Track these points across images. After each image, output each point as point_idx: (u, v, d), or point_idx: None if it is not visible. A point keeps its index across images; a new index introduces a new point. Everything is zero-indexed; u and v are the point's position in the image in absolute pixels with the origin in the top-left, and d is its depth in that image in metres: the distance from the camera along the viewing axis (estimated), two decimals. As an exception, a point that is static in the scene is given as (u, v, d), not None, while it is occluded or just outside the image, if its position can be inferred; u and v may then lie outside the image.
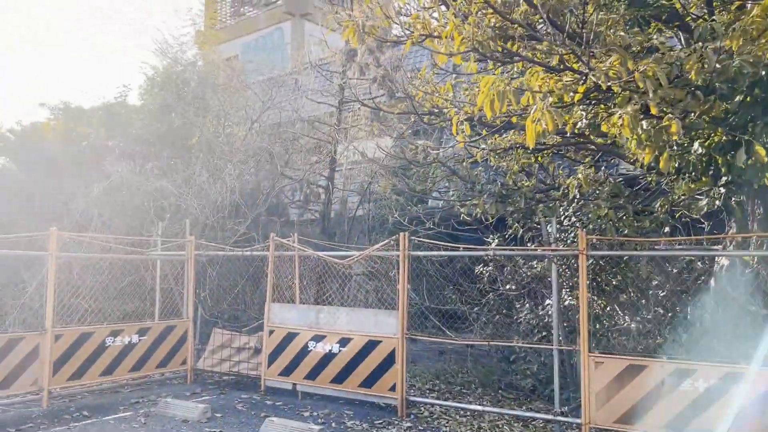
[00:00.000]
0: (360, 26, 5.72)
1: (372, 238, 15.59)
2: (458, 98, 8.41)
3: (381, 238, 15.43)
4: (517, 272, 8.41)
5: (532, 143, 4.38)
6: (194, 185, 11.47)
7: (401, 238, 7.92)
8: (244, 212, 12.70)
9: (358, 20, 5.79)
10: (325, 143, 16.00)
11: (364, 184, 16.30)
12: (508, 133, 7.31)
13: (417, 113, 7.85)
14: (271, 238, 9.20)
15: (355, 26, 5.81)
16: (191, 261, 10.14)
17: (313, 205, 16.38)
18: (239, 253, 9.66)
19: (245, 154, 14.01)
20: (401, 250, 7.91)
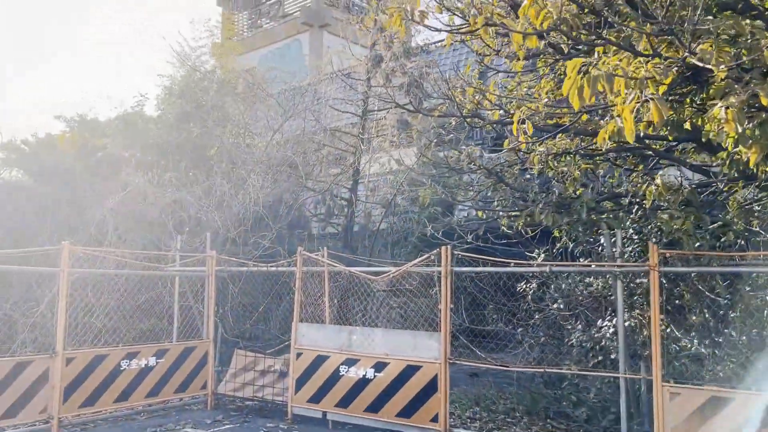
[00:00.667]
0: (408, 12, 5.05)
1: (395, 253, 14.88)
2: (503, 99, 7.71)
3: (404, 253, 14.81)
4: (572, 290, 7.64)
5: (631, 138, 3.68)
6: (215, 197, 10.85)
7: (443, 253, 7.19)
8: (267, 225, 12.04)
9: (406, 6, 5.14)
10: (349, 154, 15.36)
11: (387, 196, 15.65)
12: (564, 133, 6.62)
13: (461, 115, 7.18)
14: (298, 252, 8.51)
15: (401, 13, 5.14)
16: (212, 277, 9.47)
17: (335, 218, 15.72)
18: (264, 268, 8.97)
19: (267, 165, 13.40)
20: (443, 266, 7.18)
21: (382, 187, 16.14)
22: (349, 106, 15.29)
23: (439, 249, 7.24)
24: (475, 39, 7.23)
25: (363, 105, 14.92)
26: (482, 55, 7.49)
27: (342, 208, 15.60)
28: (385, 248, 15.20)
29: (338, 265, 8.43)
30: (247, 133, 13.88)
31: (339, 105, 15.44)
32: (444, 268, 7.17)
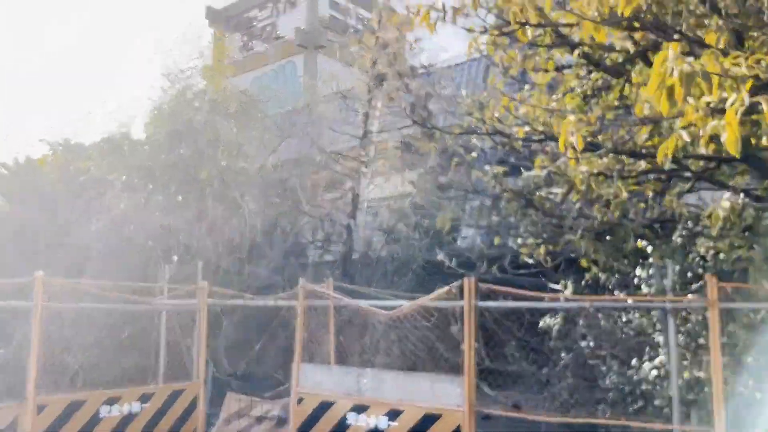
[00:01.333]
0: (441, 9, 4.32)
1: (394, 282, 14.04)
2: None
3: (404, 282, 13.96)
4: (609, 327, 6.84)
5: (735, 149, 2.94)
6: (206, 221, 10.01)
7: (466, 285, 6.37)
8: (263, 253, 11.19)
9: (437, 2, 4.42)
10: (348, 177, 14.59)
11: (389, 222, 14.88)
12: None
13: (486, 133, 6.45)
14: (300, 284, 7.66)
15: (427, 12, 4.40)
16: (204, 311, 8.58)
17: (333, 245, 14.88)
18: (261, 302, 8.11)
19: (262, 188, 12.60)
20: (466, 300, 6.36)
21: (383, 212, 15.33)
22: (348, 128, 14.56)
23: (460, 281, 6.42)
24: (498, 48, 6.54)
25: (363, 126, 14.19)
26: (506, 67, 6.78)
27: (340, 235, 14.78)
28: (384, 277, 14.37)
29: (345, 299, 7.59)
30: (240, 154, 13.08)
31: (338, 127, 14.72)
32: (467, 303, 6.34)
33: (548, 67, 6.55)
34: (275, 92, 16.74)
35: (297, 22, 29.20)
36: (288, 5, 29.37)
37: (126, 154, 12.38)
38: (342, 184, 14.77)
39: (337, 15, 29.68)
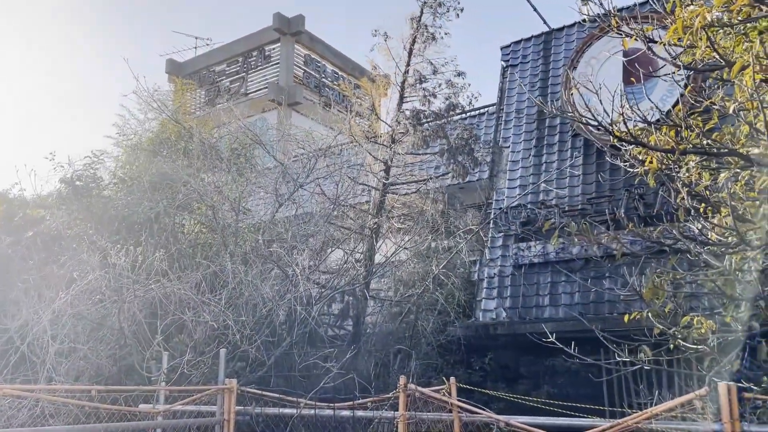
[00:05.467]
0: None
1: (404, 365, 11.41)
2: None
3: (414, 364, 11.34)
4: None
5: None
6: (225, 289, 7.23)
7: (724, 393, 3.91)
8: (277, 333, 8.38)
9: None
10: (362, 237, 12.07)
11: (403, 288, 12.43)
12: None
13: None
14: (401, 382, 4.99)
15: None
16: (229, 425, 5.69)
17: (347, 318, 12.18)
18: (328, 411, 5.34)
19: (266, 248, 9.90)
20: (726, 420, 3.90)
21: (409, 277, 12.83)
22: (367, 179, 12.19)
23: (711, 385, 3.96)
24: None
25: (385, 176, 11.81)
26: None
27: (354, 306, 12.12)
28: (389, 359, 11.69)
29: (482, 411, 4.94)
30: (242, 209, 10.39)
31: (355, 177, 12.34)
32: (729, 425, 3.87)
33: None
34: (268, 141, 14.21)
35: (269, 78, 27.16)
36: (260, 60, 27.36)
37: (94, 201, 9.50)
38: (346, 243, 12.27)
39: (311, 72, 27.87)
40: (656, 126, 5.27)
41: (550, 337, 6.95)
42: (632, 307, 8.43)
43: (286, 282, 8.62)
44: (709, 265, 4.88)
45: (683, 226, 5.80)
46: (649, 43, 5.41)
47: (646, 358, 5.68)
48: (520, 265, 12.02)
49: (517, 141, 13.39)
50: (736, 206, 4.43)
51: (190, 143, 12.00)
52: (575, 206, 11.81)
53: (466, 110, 12.17)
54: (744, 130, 5.06)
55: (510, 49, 14.80)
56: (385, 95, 12.25)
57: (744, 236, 4.41)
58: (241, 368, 7.22)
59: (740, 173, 5.03)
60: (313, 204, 11.28)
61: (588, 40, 12.83)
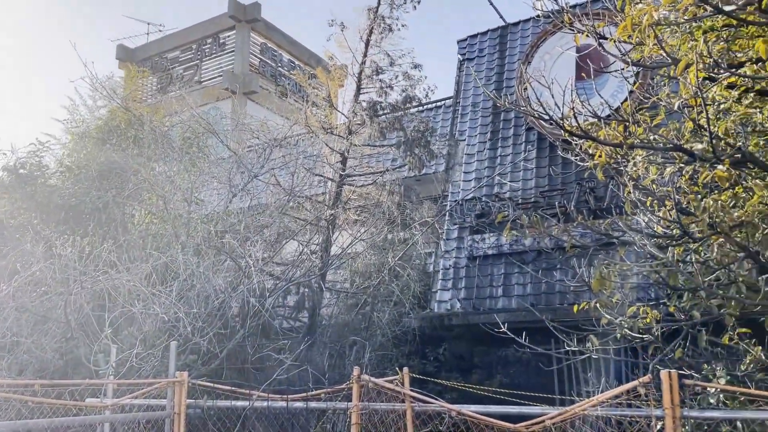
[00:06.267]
0: None
1: (360, 356, 11.45)
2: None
3: (369, 356, 11.40)
4: None
5: None
6: (177, 280, 7.07)
7: (665, 381, 4.06)
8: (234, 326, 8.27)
9: None
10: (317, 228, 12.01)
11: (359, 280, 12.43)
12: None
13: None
14: (355, 374, 5.00)
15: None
16: (180, 419, 5.60)
17: (302, 310, 12.11)
18: (281, 403, 5.30)
19: (220, 240, 9.75)
20: (668, 406, 4.04)
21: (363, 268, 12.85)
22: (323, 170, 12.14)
23: (656, 371, 4.11)
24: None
25: (342, 168, 11.76)
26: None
27: (309, 297, 12.07)
28: (344, 350, 11.72)
29: (434, 401, 4.99)
30: (194, 200, 10.18)
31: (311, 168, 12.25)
32: (670, 411, 4.01)
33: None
34: (222, 129, 13.96)
35: (224, 66, 26.66)
36: (215, 47, 26.81)
37: (39, 189, 9.16)
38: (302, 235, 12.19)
39: (268, 61, 27.48)
40: (605, 121, 5.40)
41: (503, 327, 7.08)
42: (582, 297, 8.64)
43: (239, 274, 8.51)
44: (654, 256, 5.04)
45: (630, 218, 5.97)
46: (599, 39, 5.52)
47: (593, 347, 5.84)
48: (474, 256, 12.17)
49: (473, 134, 13.52)
50: (679, 200, 4.58)
51: (141, 131, 11.69)
52: (529, 199, 12.02)
53: (422, 103, 12.22)
54: (688, 126, 5.23)
55: (467, 42, 14.91)
56: (342, 86, 12.18)
57: (687, 229, 4.56)
58: (192, 361, 7.11)
59: (684, 168, 5.20)
60: (268, 195, 11.15)
61: (542, 35, 13.04)
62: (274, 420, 5.95)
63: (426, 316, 12.19)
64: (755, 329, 5.83)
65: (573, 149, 5.88)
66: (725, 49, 5.02)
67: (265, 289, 8.90)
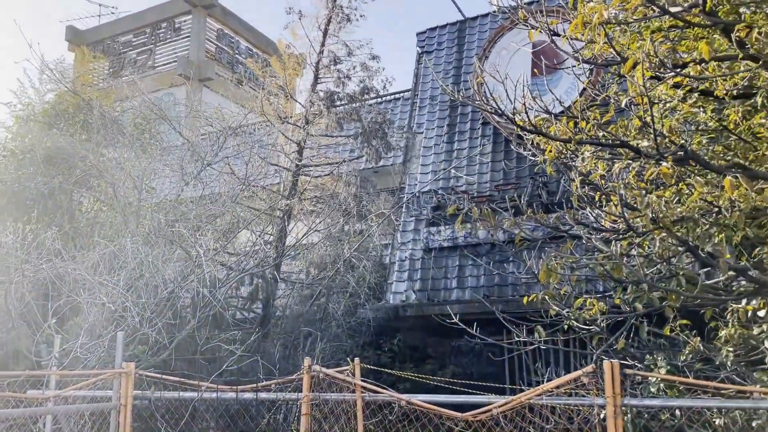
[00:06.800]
0: None
1: (314, 347, 11.46)
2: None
3: (324, 347, 11.43)
4: None
5: None
6: (125, 270, 6.89)
7: (608, 370, 4.18)
8: (184, 316, 8.14)
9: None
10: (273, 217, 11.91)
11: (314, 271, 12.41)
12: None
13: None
14: (306, 364, 4.99)
15: None
16: (126, 410, 5.49)
17: (256, 301, 12.00)
18: (231, 394, 5.24)
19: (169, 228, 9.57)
20: (609, 395, 4.17)
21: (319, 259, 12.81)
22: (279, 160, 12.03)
23: (599, 361, 4.23)
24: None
25: (298, 158, 11.67)
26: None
27: (263, 288, 11.97)
28: (298, 341, 11.70)
29: (384, 391, 5.02)
30: (145, 187, 9.95)
31: (266, 157, 12.12)
32: (611, 399, 4.14)
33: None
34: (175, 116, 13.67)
35: (178, 52, 26.04)
36: (170, 32, 26.15)
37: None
38: (256, 224, 12.07)
39: (224, 47, 26.97)
40: (557, 117, 5.50)
41: (455, 318, 7.17)
42: (533, 289, 8.83)
43: (190, 263, 8.37)
44: (600, 250, 5.18)
45: (580, 213, 6.11)
46: (553, 36, 5.61)
47: (541, 338, 5.97)
48: (430, 248, 12.27)
49: (430, 127, 13.60)
50: (624, 195, 4.71)
51: (90, 116, 11.34)
52: (484, 193, 12.17)
53: (380, 94, 12.21)
54: (635, 123, 5.38)
55: (425, 35, 14.95)
56: (299, 75, 12.07)
57: (631, 223, 4.70)
58: (141, 352, 6.96)
59: (631, 164, 5.34)
60: (222, 184, 10.98)
61: (499, 31, 13.17)
62: (224, 412, 5.90)
63: (381, 308, 12.25)
64: (695, 321, 6.06)
65: (526, 144, 5.98)
66: (671, 50, 5.16)
67: (217, 279, 8.78)
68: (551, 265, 5.00)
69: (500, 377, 9.88)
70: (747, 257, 5.59)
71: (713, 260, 4.58)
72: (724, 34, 4.63)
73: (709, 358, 5.97)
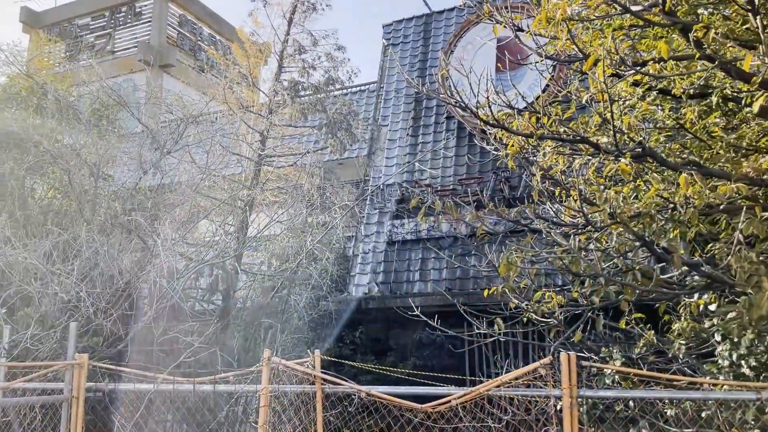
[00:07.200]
0: None
1: (275, 339, 11.40)
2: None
3: (285, 339, 11.38)
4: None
5: None
6: (79, 259, 6.68)
7: (565, 362, 4.25)
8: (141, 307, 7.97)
9: None
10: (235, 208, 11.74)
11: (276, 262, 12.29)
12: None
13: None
14: (265, 356, 4.93)
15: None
16: (78, 403, 5.35)
17: (215, 292, 11.84)
18: (187, 386, 5.15)
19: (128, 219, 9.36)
20: (566, 386, 4.24)
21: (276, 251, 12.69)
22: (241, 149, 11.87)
23: (557, 353, 4.30)
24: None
25: (261, 148, 11.52)
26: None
27: (224, 280, 11.80)
28: (259, 333, 11.61)
29: (344, 383, 4.99)
30: (102, 175, 9.69)
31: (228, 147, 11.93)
32: (567, 390, 4.21)
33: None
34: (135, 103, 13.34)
35: (139, 37, 25.39)
36: (130, 16, 25.45)
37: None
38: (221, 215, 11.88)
39: (187, 34, 26.41)
40: (520, 112, 5.55)
41: (417, 311, 7.20)
42: (493, 282, 8.92)
43: (148, 253, 8.18)
44: (560, 244, 5.25)
45: (540, 207, 6.19)
46: (517, 31, 5.64)
47: (501, 330, 6.04)
48: (393, 241, 12.30)
49: (395, 120, 13.58)
50: (583, 190, 4.78)
51: (44, 100, 10.97)
52: (447, 186, 12.24)
53: (346, 86, 12.13)
54: (596, 120, 5.46)
55: (392, 27, 14.92)
56: (263, 63, 11.90)
57: (590, 218, 4.78)
58: (95, 343, 6.78)
59: (591, 160, 5.43)
60: (182, 173, 10.75)
61: (465, 25, 13.23)
62: (181, 404, 5.79)
63: (344, 300, 12.23)
64: (649, 315, 6.21)
65: (489, 139, 6.02)
66: (631, 48, 5.25)
67: (176, 270, 8.61)
68: (511, 258, 5.05)
69: (461, 369, 9.98)
70: (700, 253, 5.75)
71: (668, 255, 4.69)
72: (683, 34, 4.73)
73: (662, 350, 6.13)
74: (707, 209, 4.78)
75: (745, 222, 4.19)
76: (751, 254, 4.05)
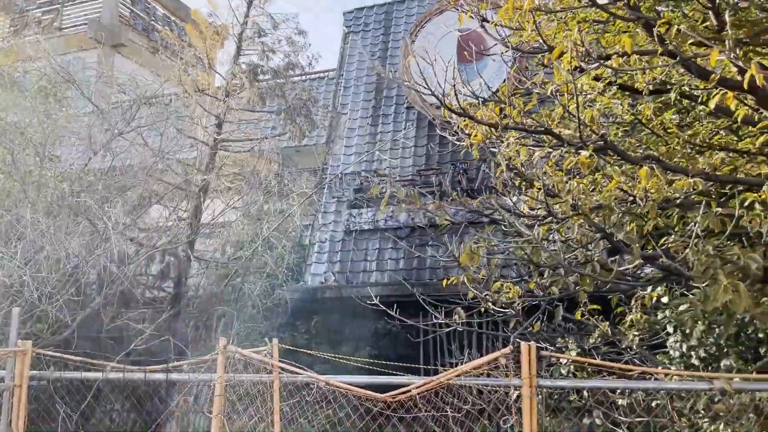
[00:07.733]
0: None
1: (228, 328, 11.22)
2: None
3: (239, 328, 11.22)
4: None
5: None
6: (22, 241, 6.35)
7: (525, 353, 4.26)
8: (89, 293, 7.67)
9: None
10: (188, 193, 11.43)
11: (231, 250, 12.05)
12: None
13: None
14: (221, 344, 4.79)
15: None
16: (21, 391, 5.10)
17: (167, 279, 11.53)
18: (139, 375, 4.96)
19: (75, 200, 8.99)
20: (525, 375, 4.25)
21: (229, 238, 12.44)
22: (196, 132, 11.57)
23: (516, 344, 4.30)
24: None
25: (217, 132, 11.25)
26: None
27: (176, 266, 11.50)
28: (212, 322, 11.40)
29: (303, 372, 4.89)
30: (48, 155, 9.28)
31: (182, 130, 11.59)
32: (527, 380, 4.23)
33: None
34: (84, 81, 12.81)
35: (89, 14, 24.46)
36: (80, -8, 24.48)
37: None
38: (169, 200, 11.54)
39: (140, 13, 25.58)
40: (484, 102, 5.53)
41: (375, 300, 7.15)
42: (452, 273, 8.95)
43: (97, 237, 7.86)
44: (521, 235, 5.28)
45: (501, 198, 6.21)
46: (482, 22, 5.62)
47: (459, 320, 6.05)
48: (351, 230, 12.22)
49: (354, 108, 13.47)
50: (546, 182, 4.80)
51: (-16, 76, 10.40)
52: (406, 176, 12.22)
53: (306, 72, 11.93)
54: (559, 112, 5.49)
55: (353, 15, 14.76)
56: (220, 46, 11.58)
57: (551, 209, 4.80)
58: (39, 330, 6.48)
59: (551, 152, 5.46)
60: (133, 155, 10.38)
61: (428, 15, 13.19)
62: (130, 393, 5.59)
63: (299, 289, 12.10)
64: (604, 306, 6.33)
65: (451, 128, 5.99)
66: (596, 41, 5.30)
67: (126, 255, 8.31)
68: (474, 248, 5.05)
69: (416, 359, 10.01)
70: (653, 246, 5.88)
71: (626, 248, 4.77)
72: (646, 30, 4.79)
73: (615, 341, 6.26)
74: (664, 203, 4.87)
75: (702, 216, 4.29)
76: (707, 247, 4.14)
